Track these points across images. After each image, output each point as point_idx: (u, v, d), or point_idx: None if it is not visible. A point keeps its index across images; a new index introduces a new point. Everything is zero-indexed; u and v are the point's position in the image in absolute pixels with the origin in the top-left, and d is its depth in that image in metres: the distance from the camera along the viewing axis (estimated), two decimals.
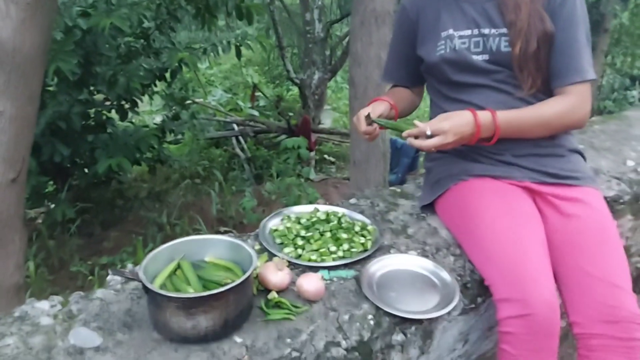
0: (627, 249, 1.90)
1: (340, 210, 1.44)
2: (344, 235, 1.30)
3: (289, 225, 1.35)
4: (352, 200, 1.62)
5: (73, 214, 3.77)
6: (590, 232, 1.26)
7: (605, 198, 1.68)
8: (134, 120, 4.90)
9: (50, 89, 3.74)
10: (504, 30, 1.33)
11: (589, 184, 1.38)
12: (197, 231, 3.80)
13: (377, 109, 1.39)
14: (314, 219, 1.36)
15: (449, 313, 1.18)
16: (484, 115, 1.27)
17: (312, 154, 6.66)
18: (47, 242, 3.62)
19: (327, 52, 7.13)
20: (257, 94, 8.11)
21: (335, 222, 1.36)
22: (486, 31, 1.35)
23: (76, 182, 4.06)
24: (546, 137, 1.38)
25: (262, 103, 8.19)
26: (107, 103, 4.17)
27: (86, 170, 4.07)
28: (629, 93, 6.13)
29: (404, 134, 1.27)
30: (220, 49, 4.82)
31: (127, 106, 4.26)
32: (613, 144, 2.16)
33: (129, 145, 4.07)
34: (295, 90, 7.92)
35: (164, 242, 1.16)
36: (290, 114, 7.26)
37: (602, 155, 2.03)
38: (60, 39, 3.29)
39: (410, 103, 1.61)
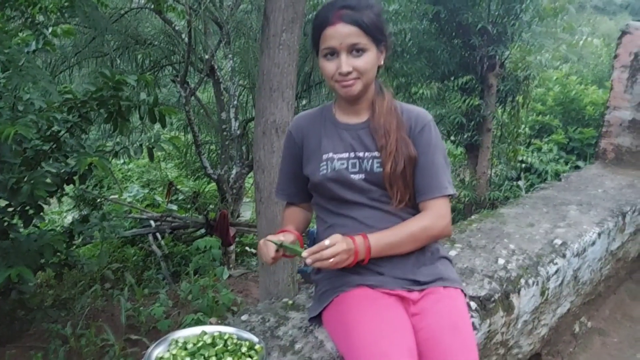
0: (504, 343, 2.08)
1: (229, 330, 1.50)
2: (229, 359, 1.36)
3: (174, 352, 1.39)
4: (244, 317, 1.69)
5: None
6: (447, 329, 1.43)
7: (479, 297, 1.88)
8: (39, 224, 4.72)
9: None
10: (376, 153, 1.53)
11: (453, 284, 1.57)
12: (105, 342, 3.62)
13: (287, 238, 1.51)
14: (200, 344, 1.41)
15: None
16: (359, 240, 1.43)
17: (232, 247, 6.66)
18: None
19: (244, 148, 7.36)
20: (175, 188, 8.11)
21: (221, 345, 1.41)
22: (361, 154, 1.54)
23: None
24: (416, 249, 1.54)
25: (180, 197, 8.18)
26: (10, 209, 4.03)
27: None
28: (515, 183, 6.83)
29: (305, 253, 1.39)
30: (132, 151, 4.89)
31: (31, 212, 4.13)
32: (487, 242, 2.40)
33: (32, 251, 3.90)
34: (213, 184, 8.01)
35: (67, 357, 1.15)
36: (210, 208, 7.29)
37: (476, 254, 2.25)
38: None
39: (304, 221, 1.75)
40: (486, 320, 1.89)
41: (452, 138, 7.43)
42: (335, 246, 1.37)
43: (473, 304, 1.86)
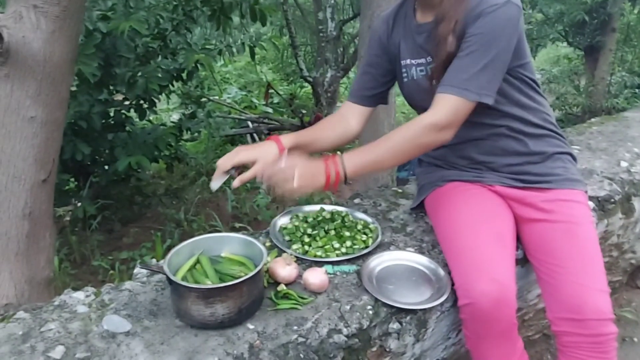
0: (619, 246, 2.00)
1: (344, 210, 1.56)
2: (347, 233, 1.43)
3: (297, 223, 1.48)
4: (356, 200, 1.74)
5: (94, 210, 3.94)
6: (560, 233, 1.33)
7: (597, 198, 1.79)
8: (151, 119, 5.06)
9: (72, 89, 3.90)
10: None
11: (566, 186, 1.43)
12: (213, 227, 3.94)
13: (245, 154, 1.34)
14: (320, 218, 1.49)
15: (441, 304, 1.30)
16: (334, 162, 1.27)
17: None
18: (70, 238, 3.79)
19: (340, 51, 7.22)
20: (271, 91, 8.25)
21: (339, 220, 1.48)
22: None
23: (97, 180, 4.22)
24: (523, 146, 1.42)
25: (275, 100, 8.32)
26: (126, 103, 4.33)
27: (106, 168, 4.24)
28: (637, 92, 6.14)
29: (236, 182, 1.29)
30: (234, 49, 4.98)
31: (145, 105, 4.41)
32: (609, 145, 2.25)
33: (147, 143, 4.23)
34: (308, 87, 8.03)
35: (182, 238, 1.30)
36: (303, 111, 7.38)
37: (597, 156, 2.12)
38: (81, 42, 3.45)
39: (340, 135, 1.53)
40: (603, 220, 1.82)
41: (570, 39, 6.69)
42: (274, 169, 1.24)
43: (591, 204, 1.78)
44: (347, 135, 1.54)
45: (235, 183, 1.30)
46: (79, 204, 3.98)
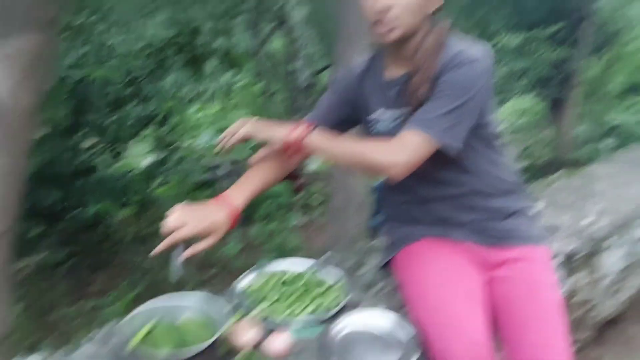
0: (586, 303, 2.00)
1: (312, 267, 1.53)
2: (313, 294, 1.40)
3: (261, 283, 1.44)
4: (325, 256, 1.72)
5: (62, 258, 3.83)
6: (522, 292, 1.33)
7: (563, 254, 1.81)
8: (122, 164, 5.00)
9: (42, 135, 3.84)
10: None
11: (530, 243, 1.43)
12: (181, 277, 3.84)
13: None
14: (285, 277, 1.45)
15: None
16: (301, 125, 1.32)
17: (300, 194, 6.77)
18: (35, 286, 3.66)
19: (312, 99, 7.34)
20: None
21: (306, 280, 1.45)
22: (405, 110, 1.36)
23: (65, 226, 4.11)
24: (488, 202, 1.43)
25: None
26: (97, 148, 4.29)
27: (75, 214, 4.14)
28: (603, 142, 6.37)
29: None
30: (206, 96, 5.01)
31: (116, 151, 4.37)
32: (574, 200, 2.29)
33: (117, 189, 4.17)
34: None
35: (148, 287, 1.24)
36: None
37: (562, 212, 2.15)
38: (52, 89, 3.42)
39: (290, 167, 1.51)
40: (569, 277, 1.83)
41: (535, 93, 6.95)
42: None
43: (556, 261, 1.79)
44: (293, 164, 1.50)
45: (185, 255, 1.23)
46: (46, 252, 3.87)
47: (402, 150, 1.23)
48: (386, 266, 1.61)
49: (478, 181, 1.42)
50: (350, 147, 1.30)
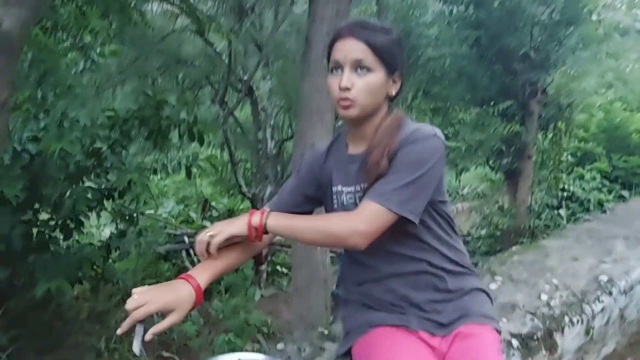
0: None
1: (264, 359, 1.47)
2: None
3: None
4: (279, 346, 1.67)
5: (6, 341, 3.58)
6: None
7: (520, 335, 1.81)
8: (78, 238, 4.84)
9: None
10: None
11: (480, 321, 1.45)
12: (136, 358, 3.65)
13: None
14: None
15: None
16: (257, 213, 1.36)
17: (263, 267, 6.66)
18: None
19: (279, 168, 7.40)
20: (212, 205, 8.21)
21: None
22: (365, 186, 1.41)
23: (12, 306, 3.89)
24: (442, 282, 1.45)
25: (214, 214, 8.26)
26: (52, 223, 4.15)
27: (24, 293, 3.94)
28: (557, 211, 6.64)
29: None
30: (170, 169, 4.98)
31: (72, 225, 4.23)
32: (529, 276, 2.33)
33: (71, 264, 4.00)
34: (247, 202, 8.07)
35: None
36: None
37: (518, 289, 2.18)
38: (6, 164, 3.34)
39: (253, 250, 1.51)
40: (527, 358, 1.82)
41: (491, 164, 7.29)
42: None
43: (515, 342, 1.79)
44: (260, 246, 1.50)
45: (148, 337, 1.19)
46: None
47: (361, 219, 1.28)
48: (345, 355, 1.58)
49: (433, 259, 1.44)
50: (311, 221, 1.36)
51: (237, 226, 1.34)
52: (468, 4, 6.68)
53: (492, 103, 6.61)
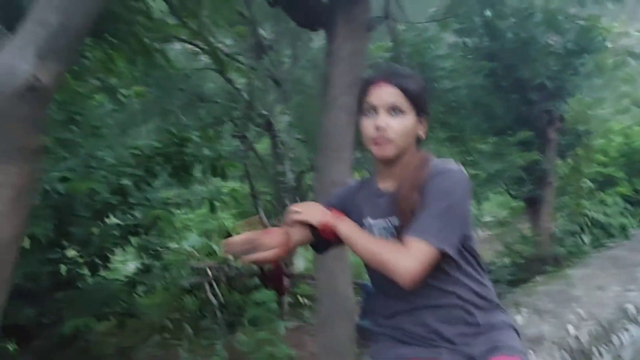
0: None
1: None
2: None
3: None
4: None
5: None
6: None
7: None
8: (104, 274, 4.92)
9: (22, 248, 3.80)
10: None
11: (510, 353, 1.46)
12: None
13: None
14: None
15: None
16: (338, 214, 1.51)
17: (284, 298, 6.66)
18: None
19: (298, 199, 7.46)
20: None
21: None
22: (393, 220, 1.51)
23: (40, 343, 3.96)
24: (471, 316, 1.48)
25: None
26: (79, 260, 4.24)
27: (52, 329, 4.00)
28: (579, 238, 6.55)
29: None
30: (194, 203, 5.08)
31: (98, 262, 4.32)
32: (555, 306, 2.31)
33: (98, 300, 4.07)
34: None
35: None
36: None
37: (544, 320, 2.17)
38: (36, 204, 3.45)
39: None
40: None
41: (511, 191, 7.27)
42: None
43: None
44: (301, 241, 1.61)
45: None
46: None
47: (412, 258, 1.34)
48: None
49: (462, 292, 1.48)
50: (374, 243, 1.43)
51: (317, 217, 1.49)
52: (482, 35, 6.78)
53: (509, 132, 6.63)
